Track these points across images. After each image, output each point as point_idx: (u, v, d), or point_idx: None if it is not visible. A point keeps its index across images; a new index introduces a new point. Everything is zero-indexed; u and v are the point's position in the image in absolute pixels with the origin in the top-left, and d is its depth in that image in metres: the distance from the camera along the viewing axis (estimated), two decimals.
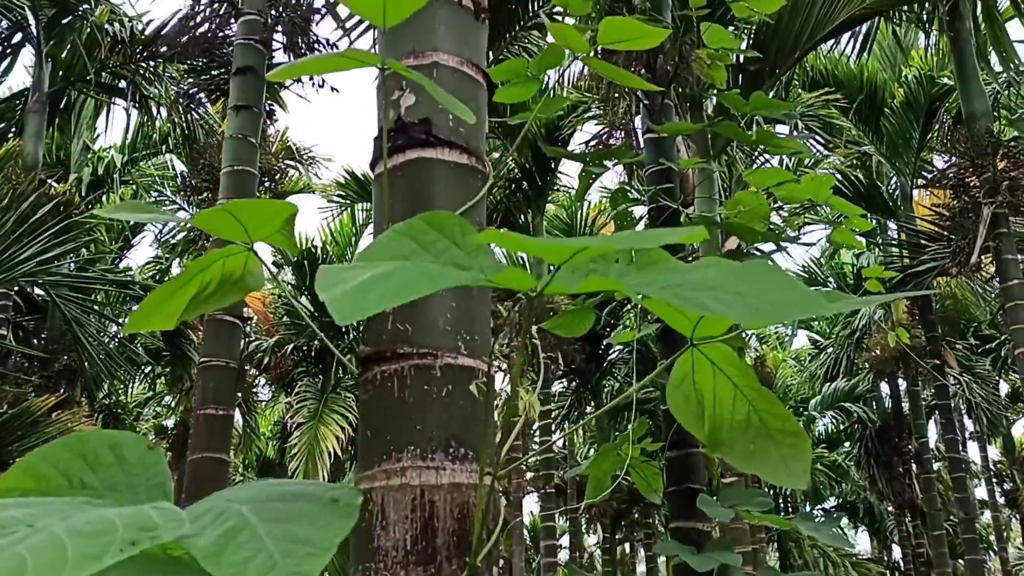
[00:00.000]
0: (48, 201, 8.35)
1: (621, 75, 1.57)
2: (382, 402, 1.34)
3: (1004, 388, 17.46)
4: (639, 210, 9.89)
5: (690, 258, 6.42)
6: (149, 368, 16.53)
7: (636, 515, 15.99)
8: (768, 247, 12.25)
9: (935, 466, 15.47)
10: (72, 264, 10.93)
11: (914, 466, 13.89)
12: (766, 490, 17.59)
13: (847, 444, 17.97)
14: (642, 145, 5.45)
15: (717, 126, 4.49)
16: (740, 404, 1.39)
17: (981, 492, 19.79)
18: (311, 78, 7.49)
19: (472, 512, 1.28)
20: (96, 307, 12.92)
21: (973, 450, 20.99)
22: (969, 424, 18.81)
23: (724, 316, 0.90)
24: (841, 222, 4.54)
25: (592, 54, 1.76)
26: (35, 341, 11.83)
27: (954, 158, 7.95)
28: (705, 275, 0.97)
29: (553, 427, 14.76)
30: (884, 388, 15.71)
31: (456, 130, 1.48)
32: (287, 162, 12.57)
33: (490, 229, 1.49)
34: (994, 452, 20.08)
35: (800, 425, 1.38)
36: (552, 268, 1.03)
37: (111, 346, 15.01)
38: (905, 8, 8.43)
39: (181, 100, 8.48)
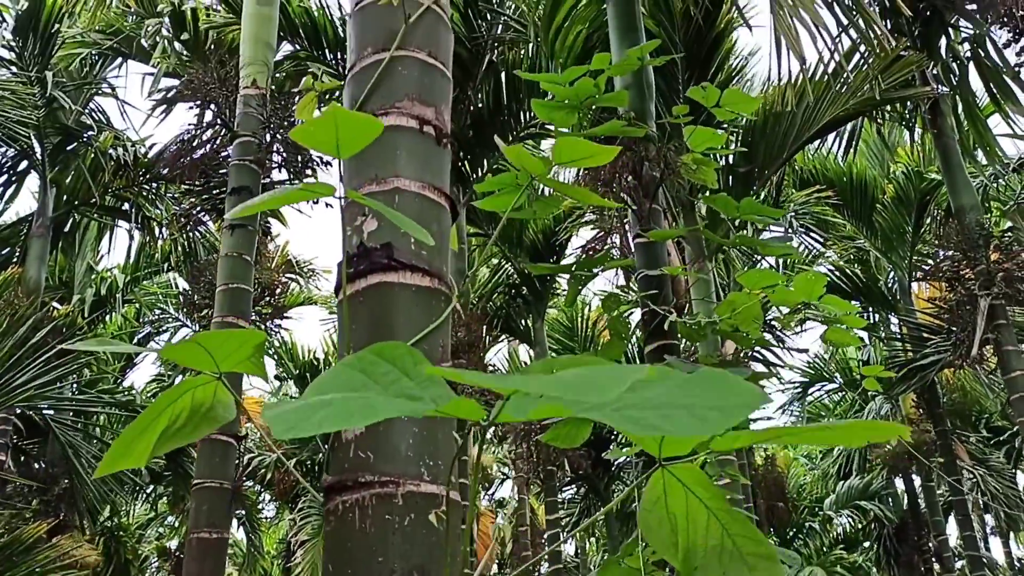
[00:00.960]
0: (48, 323, 8.41)
1: (580, 193, 1.60)
2: (344, 533, 1.31)
3: (1022, 480, 17.11)
4: (637, 313, 9.90)
5: (692, 358, 6.39)
6: (151, 488, 16.34)
7: None
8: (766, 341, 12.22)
9: (957, 564, 15.03)
10: (74, 385, 10.92)
11: (936, 565, 13.50)
12: None
13: (866, 544, 17.52)
14: (633, 250, 5.51)
15: (701, 231, 4.54)
16: (713, 528, 1.36)
17: None
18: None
19: None
20: (99, 428, 12.86)
21: (996, 546, 20.43)
22: (990, 519, 18.35)
23: (674, 434, 0.89)
24: (838, 319, 4.53)
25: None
26: (36, 465, 11.72)
27: (948, 251, 8.00)
28: (655, 392, 0.95)
29: (563, 535, 14.42)
30: (900, 484, 15.42)
31: (418, 253, 1.49)
32: (288, 276, 12.68)
33: (440, 367, 1.49)
34: (1017, 548, 19.54)
35: (773, 548, 1.34)
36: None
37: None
38: (887, 108, 8.63)
39: (182, 219, 8.61)
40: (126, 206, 10.63)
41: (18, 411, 9.24)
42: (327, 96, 6.99)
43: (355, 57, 1.69)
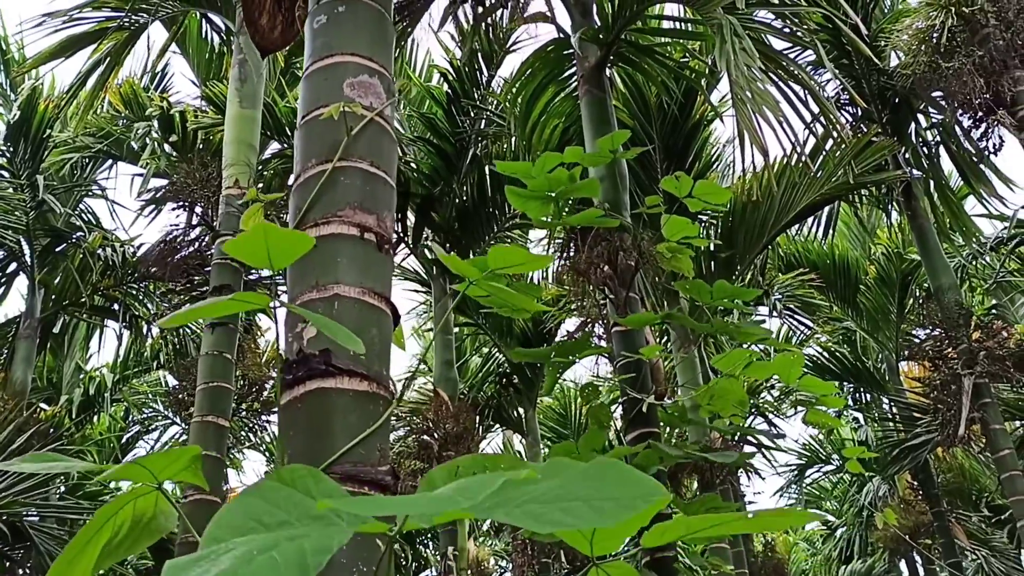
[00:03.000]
0: (34, 425, 8.35)
1: (514, 297, 1.64)
2: None
3: None
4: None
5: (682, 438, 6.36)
6: None
7: None
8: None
9: None
10: (62, 488, 10.78)
11: None
12: None
13: None
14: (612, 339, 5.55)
15: (676, 317, 4.59)
16: None
17: None
18: None
19: None
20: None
21: None
22: None
23: (574, 527, 0.90)
24: (818, 401, 4.54)
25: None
26: (20, 572, 11.48)
27: (930, 331, 8.06)
28: (555, 484, 0.97)
29: None
30: (904, 568, 15.14)
31: (357, 359, 1.53)
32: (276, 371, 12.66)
33: (347, 493, 1.51)
34: None
35: None
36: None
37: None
38: (862, 191, 8.80)
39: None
40: (115, 306, 10.70)
41: (3, 517, 9.11)
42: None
43: (299, 168, 1.75)
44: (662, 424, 5.60)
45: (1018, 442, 10.04)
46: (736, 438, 10.63)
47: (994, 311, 11.30)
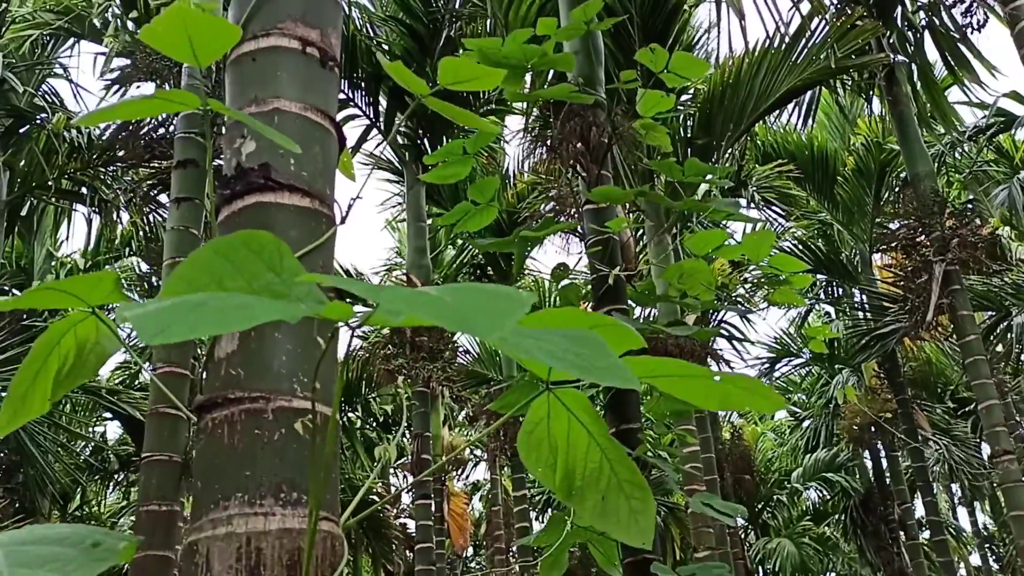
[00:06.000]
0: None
1: (460, 114, 1.57)
2: (212, 450, 1.28)
3: (987, 450, 17.33)
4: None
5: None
6: (122, 476, 16.23)
7: None
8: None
9: (924, 534, 15.24)
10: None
11: (902, 534, 13.66)
12: (755, 568, 17.22)
13: (834, 516, 17.71)
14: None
15: (646, 194, 4.53)
16: (593, 452, 1.35)
17: (976, 559, 19.46)
18: None
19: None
20: (64, 418, 12.72)
21: (964, 517, 20.73)
22: (957, 489, 18.60)
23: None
24: (785, 281, 4.53)
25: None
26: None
27: (904, 220, 8.06)
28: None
29: (533, 512, 14.48)
30: (866, 456, 15.58)
31: (298, 175, 1.46)
32: None
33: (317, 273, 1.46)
34: (982, 516, 19.83)
35: (644, 480, 1.34)
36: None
37: (82, 457, 14.70)
38: (844, 77, 8.66)
39: (132, 195, 8.49)
40: (83, 189, 10.48)
41: None
42: None
43: None
44: (632, 304, 5.59)
45: (984, 331, 10.20)
46: (709, 314, 10.72)
47: (970, 206, 11.32)
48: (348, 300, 1.04)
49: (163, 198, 9.84)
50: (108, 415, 13.03)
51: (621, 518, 1.31)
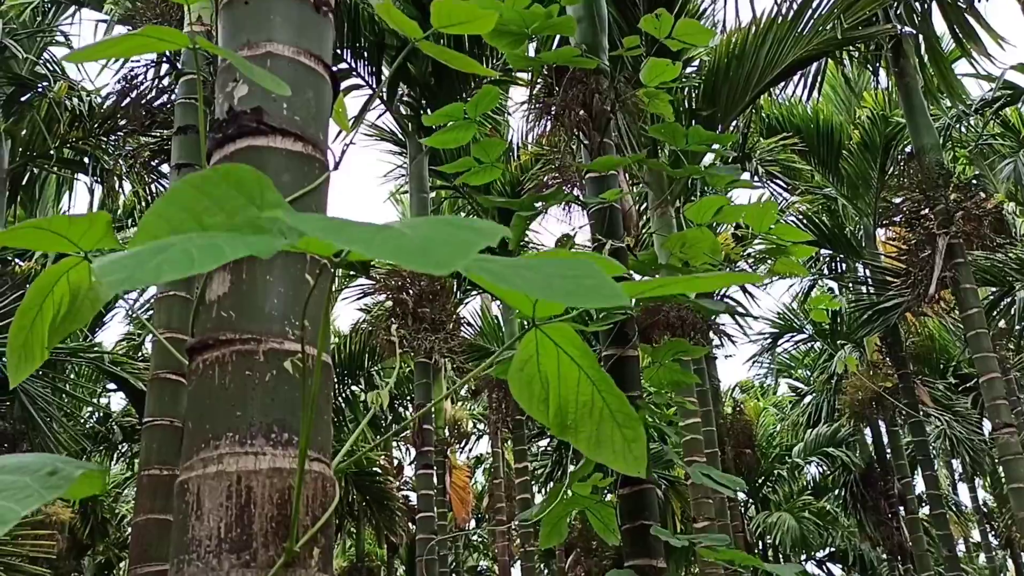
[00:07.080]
0: (9, 279, 8.28)
1: (456, 58, 1.55)
2: (204, 391, 1.28)
3: (988, 427, 17.36)
4: None
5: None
6: (125, 448, 16.32)
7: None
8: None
9: (924, 510, 15.29)
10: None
11: (901, 509, 13.72)
12: (756, 541, 17.31)
13: (834, 490, 17.78)
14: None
15: (648, 162, 4.51)
16: (584, 385, 1.35)
17: (976, 535, 19.54)
18: None
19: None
20: (68, 386, 12.75)
21: (964, 493, 20.80)
22: (958, 465, 18.65)
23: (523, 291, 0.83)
24: (787, 251, 4.51)
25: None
26: (4, 422, 11.63)
27: (909, 193, 8.01)
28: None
29: (535, 485, 14.54)
30: (868, 432, 15.62)
31: (291, 119, 1.45)
32: None
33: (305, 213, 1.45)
34: (983, 492, 19.89)
35: (635, 411, 1.34)
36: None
37: (88, 426, 14.79)
38: (851, 48, 8.58)
39: (132, 161, 8.48)
40: (85, 159, 10.46)
41: None
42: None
43: None
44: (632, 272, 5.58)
45: (987, 307, 10.17)
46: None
47: (975, 181, 11.27)
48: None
49: (165, 168, 9.84)
50: (112, 386, 13.07)
51: (616, 447, 1.31)
